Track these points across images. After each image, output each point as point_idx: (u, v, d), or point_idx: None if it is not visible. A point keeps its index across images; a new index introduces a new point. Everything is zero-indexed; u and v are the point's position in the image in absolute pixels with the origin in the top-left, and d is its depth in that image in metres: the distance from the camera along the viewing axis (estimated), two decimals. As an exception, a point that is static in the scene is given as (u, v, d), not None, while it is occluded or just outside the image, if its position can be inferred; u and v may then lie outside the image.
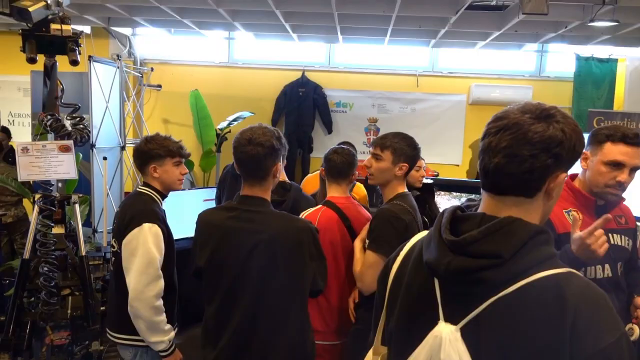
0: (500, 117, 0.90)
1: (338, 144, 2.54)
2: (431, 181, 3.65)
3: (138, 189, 2.11)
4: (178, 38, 6.23)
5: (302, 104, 6.07)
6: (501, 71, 6.21)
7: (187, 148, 2.18)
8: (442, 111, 6.22)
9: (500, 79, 6.15)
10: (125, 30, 5.93)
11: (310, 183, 3.02)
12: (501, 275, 0.82)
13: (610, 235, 1.77)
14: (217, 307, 1.70)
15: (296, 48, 6.26)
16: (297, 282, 1.69)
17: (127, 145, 4.96)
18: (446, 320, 0.89)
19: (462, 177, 6.08)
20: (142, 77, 6.01)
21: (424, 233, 1.02)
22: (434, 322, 0.90)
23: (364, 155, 6.19)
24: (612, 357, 0.77)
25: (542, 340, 0.79)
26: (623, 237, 1.80)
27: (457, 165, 6.22)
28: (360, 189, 3.02)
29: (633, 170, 1.70)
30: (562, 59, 6.13)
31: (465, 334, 0.86)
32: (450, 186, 4.46)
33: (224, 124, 5.45)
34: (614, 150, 1.68)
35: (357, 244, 2.03)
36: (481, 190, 0.94)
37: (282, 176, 2.19)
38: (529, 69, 6.25)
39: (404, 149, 1.98)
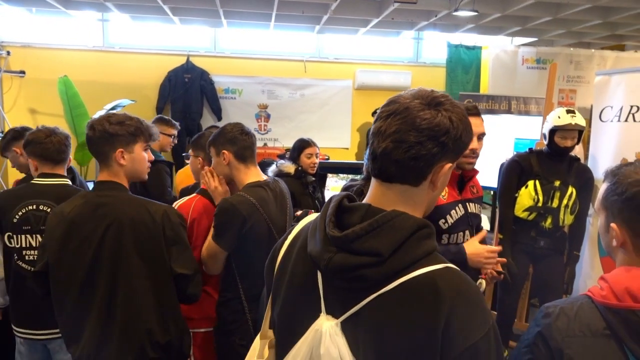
0: (392, 101, 0.89)
1: (206, 129, 2.53)
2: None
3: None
4: (42, 18, 5.59)
5: (189, 90, 5.83)
6: (383, 57, 6.52)
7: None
8: (330, 96, 6.38)
9: (383, 64, 6.46)
10: (-25, 9, 5.20)
11: (190, 176, 2.88)
12: (381, 272, 0.82)
13: (467, 204, 1.97)
14: (74, 301, 1.63)
15: (180, 32, 5.97)
16: (153, 268, 1.65)
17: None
18: (327, 313, 0.88)
19: (351, 159, 6.31)
20: (-1, 62, 5.33)
21: (313, 216, 0.99)
22: (316, 315, 0.89)
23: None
24: (480, 351, 0.79)
25: (418, 337, 0.80)
26: (476, 205, 2.01)
27: (347, 149, 6.45)
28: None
29: (480, 137, 1.88)
30: (436, 46, 6.60)
31: (346, 328, 0.85)
32: (339, 169, 4.61)
33: (100, 114, 5.03)
34: None
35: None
36: (371, 177, 0.93)
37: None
38: (407, 56, 6.64)
39: (217, 138, 1.95)
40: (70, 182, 2.25)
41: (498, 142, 3.97)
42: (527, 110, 6.09)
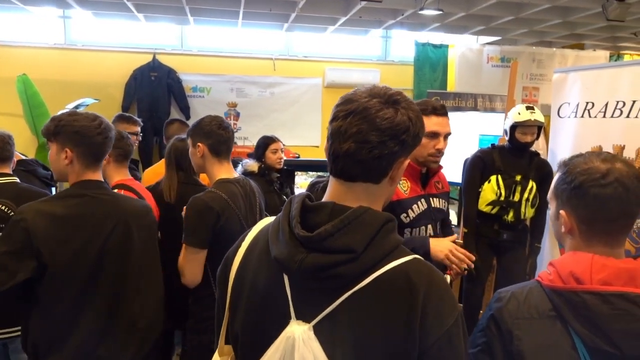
0: (348, 99, 0.87)
1: (168, 121, 2.50)
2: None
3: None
4: (-1, 15, 5.41)
5: (155, 89, 5.73)
6: (352, 55, 6.56)
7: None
8: (300, 94, 6.38)
9: (352, 62, 6.50)
10: None
11: (158, 174, 2.84)
12: (355, 269, 0.82)
13: (431, 199, 2.01)
14: (72, 301, 1.58)
15: (145, 29, 5.86)
16: (155, 261, 1.75)
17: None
18: (298, 318, 0.85)
19: (322, 157, 6.31)
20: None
21: (268, 221, 0.97)
22: (285, 322, 0.85)
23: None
24: (452, 336, 0.82)
25: (396, 329, 0.81)
26: (441, 200, 2.05)
27: (317, 147, 6.47)
28: (203, 176, 2.94)
29: (445, 137, 1.92)
30: (404, 44, 6.69)
31: (319, 331, 0.83)
32: (308, 166, 4.62)
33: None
34: (429, 123, 1.88)
35: None
36: (329, 175, 0.92)
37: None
38: (376, 54, 6.70)
39: (195, 130, 1.93)
40: (18, 180, 2.22)
41: (464, 138, 4.06)
42: (492, 107, 6.24)
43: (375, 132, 0.84)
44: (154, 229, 1.79)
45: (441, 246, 1.81)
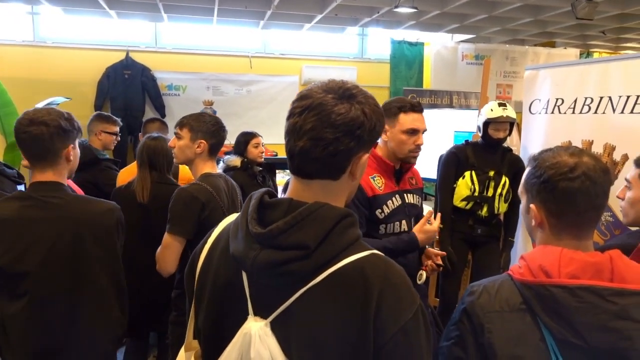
0: (304, 95, 0.86)
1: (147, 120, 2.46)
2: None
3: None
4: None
5: (129, 87, 5.63)
6: (329, 53, 6.57)
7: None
8: (277, 92, 6.36)
9: (329, 60, 6.51)
10: None
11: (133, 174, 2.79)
12: (309, 265, 0.81)
13: (405, 195, 2.03)
14: (24, 308, 1.53)
15: (118, 26, 5.75)
16: (111, 268, 1.64)
17: None
18: (255, 314, 0.85)
19: (300, 155, 6.31)
20: None
21: (232, 218, 0.97)
22: (244, 318, 0.86)
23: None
24: (409, 331, 0.81)
25: (351, 326, 0.80)
26: (415, 195, 2.07)
27: (295, 145, 6.45)
28: (185, 171, 2.90)
29: (424, 133, 1.96)
30: (380, 42, 6.72)
31: (276, 328, 0.83)
32: (286, 164, 4.60)
33: (32, 112, 4.76)
34: (408, 119, 1.91)
35: None
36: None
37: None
38: (353, 52, 6.73)
39: (201, 126, 1.96)
40: None
41: (439, 135, 4.11)
42: (467, 104, 6.34)
43: (329, 129, 0.83)
44: (109, 232, 1.64)
45: (427, 238, 1.89)
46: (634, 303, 0.93)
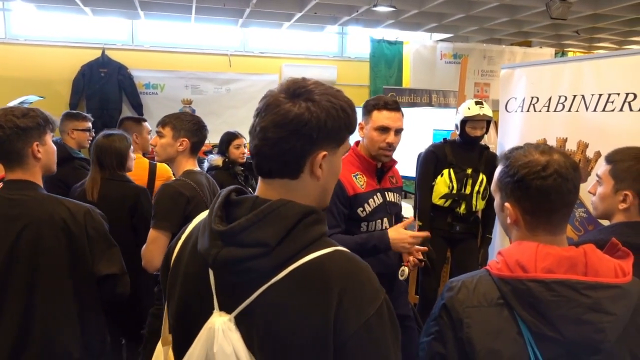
0: (264, 95, 0.87)
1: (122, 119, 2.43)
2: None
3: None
4: None
5: (105, 85, 5.53)
6: (309, 52, 6.56)
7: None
8: (257, 91, 6.31)
9: (309, 59, 6.51)
10: None
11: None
12: (270, 262, 0.81)
13: (386, 193, 2.04)
14: None
15: (93, 24, 5.64)
16: (76, 272, 1.55)
17: None
18: (221, 309, 0.85)
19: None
20: None
21: (205, 214, 0.96)
22: (210, 313, 0.86)
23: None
24: (372, 327, 0.80)
25: (311, 323, 0.80)
26: (395, 194, 2.09)
27: (275, 143, 6.43)
28: (163, 169, 2.87)
29: (397, 132, 1.95)
30: (360, 41, 6.75)
31: (240, 323, 0.83)
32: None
33: (5, 111, 4.64)
34: (380, 117, 1.93)
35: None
36: None
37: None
38: (333, 50, 6.74)
39: (183, 124, 1.97)
40: None
41: (418, 134, 4.14)
42: (446, 102, 6.42)
43: (274, 128, 0.83)
44: (59, 237, 1.54)
45: (401, 239, 1.82)
46: (606, 296, 0.96)
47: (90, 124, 3.27)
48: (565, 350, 0.97)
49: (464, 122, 2.94)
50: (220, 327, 0.83)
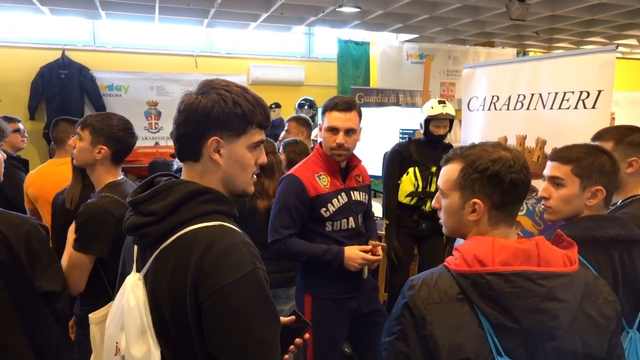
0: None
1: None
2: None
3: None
4: None
5: (66, 87, 5.37)
6: (276, 52, 6.54)
7: None
8: (224, 92, 6.25)
9: (276, 59, 6.48)
10: None
11: (41, 175, 2.62)
12: (159, 229, 0.97)
13: (352, 192, 2.05)
14: None
15: (52, 24, 5.46)
16: (19, 290, 1.43)
17: None
18: (138, 271, 1.01)
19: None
20: None
21: None
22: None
23: (145, 141, 5.88)
24: (229, 294, 0.91)
25: (178, 282, 0.94)
26: (362, 193, 2.10)
27: (244, 145, 6.37)
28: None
29: (348, 132, 1.93)
30: (327, 41, 6.77)
31: (147, 282, 0.98)
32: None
33: (-42, 115, 4.45)
34: (330, 118, 1.95)
35: (70, 236, 1.73)
36: None
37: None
38: (300, 51, 6.73)
39: (104, 129, 1.72)
40: None
41: (385, 133, 4.19)
42: (413, 102, 6.50)
43: (177, 116, 1.01)
44: (12, 250, 1.41)
45: (352, 259, 1.92)
46: (558, 284, 0.99)
47: (20, 125, 3.21)
48: (523, 339, 1.00)
49: (428, 121, 2.99)
50: (130, 283, 0.99)
